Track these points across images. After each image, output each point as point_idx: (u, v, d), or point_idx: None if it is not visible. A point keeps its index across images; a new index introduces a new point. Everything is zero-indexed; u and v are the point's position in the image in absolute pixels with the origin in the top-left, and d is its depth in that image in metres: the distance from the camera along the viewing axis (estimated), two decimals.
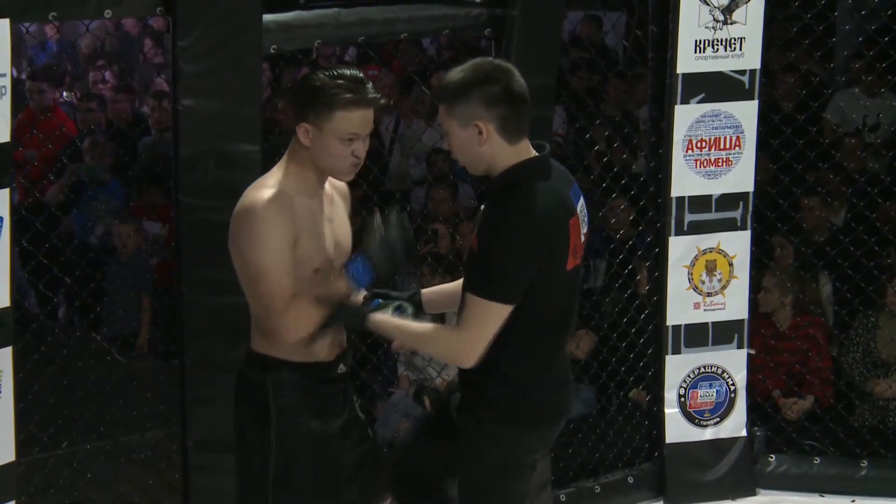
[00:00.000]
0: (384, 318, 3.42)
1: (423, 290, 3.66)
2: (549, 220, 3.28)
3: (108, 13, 3.95)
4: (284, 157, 3.39)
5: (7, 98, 3.65)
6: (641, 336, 5.47)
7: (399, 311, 3.48)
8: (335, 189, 3.50)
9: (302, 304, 3.31)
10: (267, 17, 4.18)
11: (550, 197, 3.31)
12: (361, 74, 3.34)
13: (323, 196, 3.42)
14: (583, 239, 3.43)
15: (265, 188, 3.32)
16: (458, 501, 3.52)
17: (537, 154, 3.37)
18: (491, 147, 3.31)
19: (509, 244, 3.24)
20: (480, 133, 3.29)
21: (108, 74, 9.11)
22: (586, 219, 3.47)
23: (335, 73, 3.32)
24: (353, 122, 3.30)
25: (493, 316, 3.26)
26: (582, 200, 3.44)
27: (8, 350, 3.75)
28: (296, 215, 3.30)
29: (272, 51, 4.24)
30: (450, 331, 3.37)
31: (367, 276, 3.33)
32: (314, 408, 3.42)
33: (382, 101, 3.36)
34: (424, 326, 3.42)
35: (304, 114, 3.31)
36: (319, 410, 3.43)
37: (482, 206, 3.44)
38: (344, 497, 3.48)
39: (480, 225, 3.34)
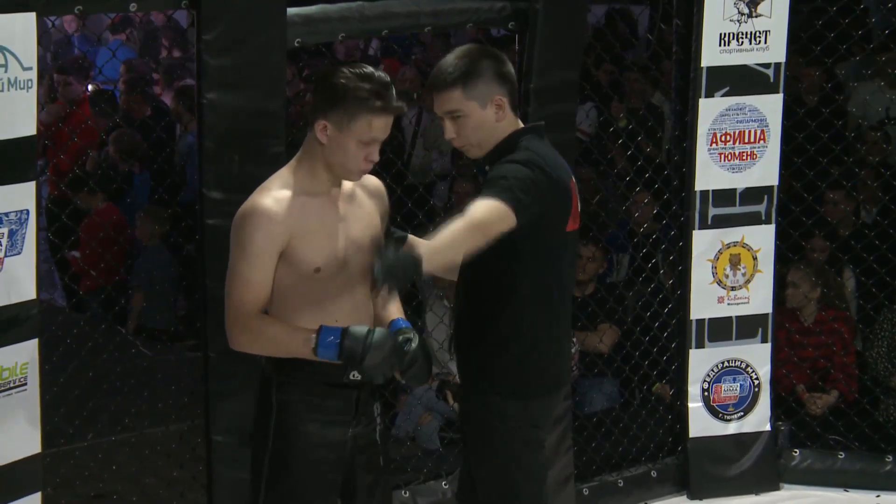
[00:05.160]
0: (422, 248, 3.21)
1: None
2: (551, 168, 3.37)
3: (133, 7, 3.95)
4: (298, 154, 3.36)
5: (33, 91, 3.65)
6: (665, 330, 5.46)
7: (407, 343, 3.34)
8: (361, 186, 3.42)
9: (269, 328, 3.27)
10: (291, 10, 4.19)
11: (551, 154, 3.43)
12: (387, 77, 3.28)
13: (338, 194, 3.35)
14: (579, 208, 3.52)
15: (267, 192, 3.29)
16: (480, 497, 3.52)
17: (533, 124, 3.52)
18: (505, 121, 3.42)
19: (517, 169, 3.28)
20: (500, 108, 3.40)
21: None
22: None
23: (361, 72, 3.24)
24: (376, 128, 3.26)
25: (495, 212, 3.21)
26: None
27: (34, 342, 3.76)
28: (295, 216, 3.26)
29: (296, 44, 4.25)
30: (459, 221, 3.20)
31: (333, 352, 3.22)
32: (316, 411, 3.34)
33: (405, 110, 3.33)
34: (447, 231, 3.21)
35: (326, 111, 3.25)
36: (322, 415, 3.34)
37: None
38: None
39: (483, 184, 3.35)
